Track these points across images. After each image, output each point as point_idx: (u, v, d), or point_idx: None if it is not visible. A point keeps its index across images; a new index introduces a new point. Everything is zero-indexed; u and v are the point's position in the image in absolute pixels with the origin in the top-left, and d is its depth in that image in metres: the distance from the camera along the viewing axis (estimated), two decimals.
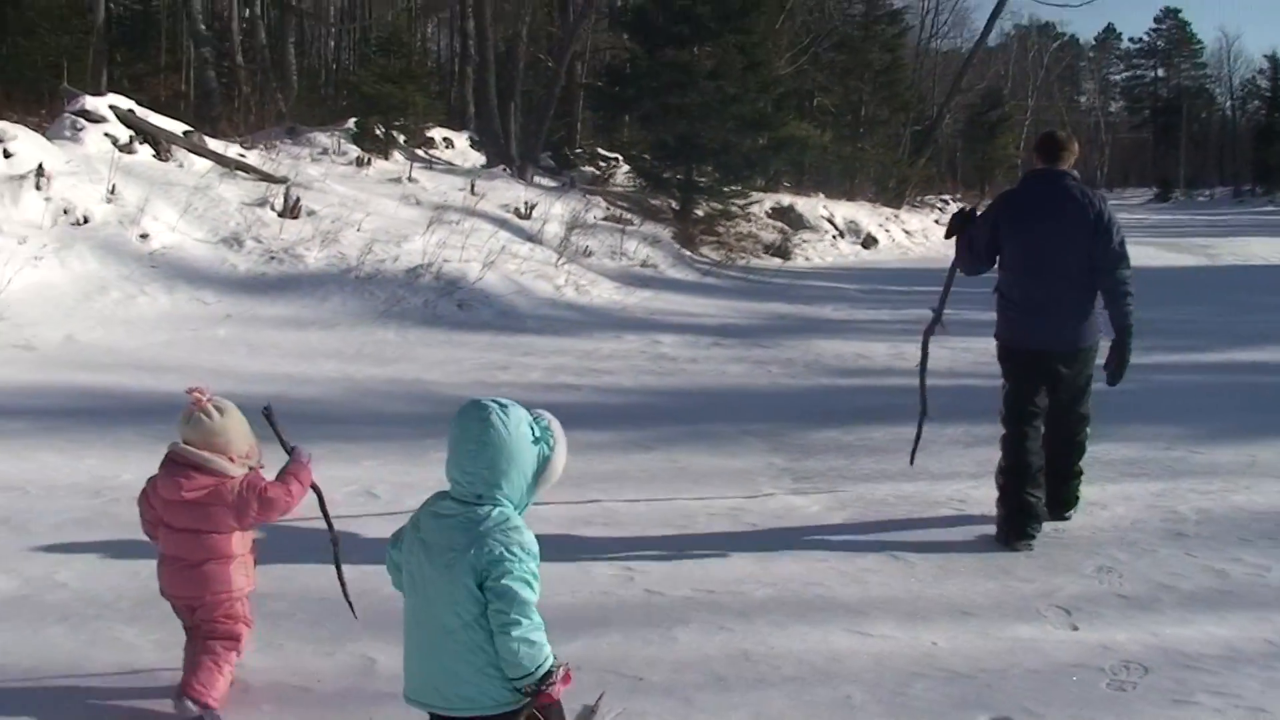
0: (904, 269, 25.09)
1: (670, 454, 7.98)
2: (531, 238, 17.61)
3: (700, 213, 25.00)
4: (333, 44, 42.82)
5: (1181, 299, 18.37)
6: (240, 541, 4.16)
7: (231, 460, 4.09)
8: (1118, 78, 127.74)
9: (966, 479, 7.31)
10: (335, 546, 4.43)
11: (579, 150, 30.04)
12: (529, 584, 3.08)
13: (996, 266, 6.55)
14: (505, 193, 20.30)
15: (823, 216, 29.48)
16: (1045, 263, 6.24)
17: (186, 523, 4.05)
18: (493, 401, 3.16)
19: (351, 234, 14.50)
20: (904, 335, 13.72)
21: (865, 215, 31.50)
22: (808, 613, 5.03)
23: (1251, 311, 16.57)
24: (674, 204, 25.20)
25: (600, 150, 30.43)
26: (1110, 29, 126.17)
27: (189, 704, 3.95)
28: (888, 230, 31.55)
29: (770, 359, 12.19)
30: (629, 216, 22.36)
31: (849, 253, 28.24)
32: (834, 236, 28.90)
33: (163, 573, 4.14)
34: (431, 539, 3.14)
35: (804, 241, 27.09)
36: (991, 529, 6.22)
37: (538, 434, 3.19)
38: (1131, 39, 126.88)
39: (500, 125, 25.54)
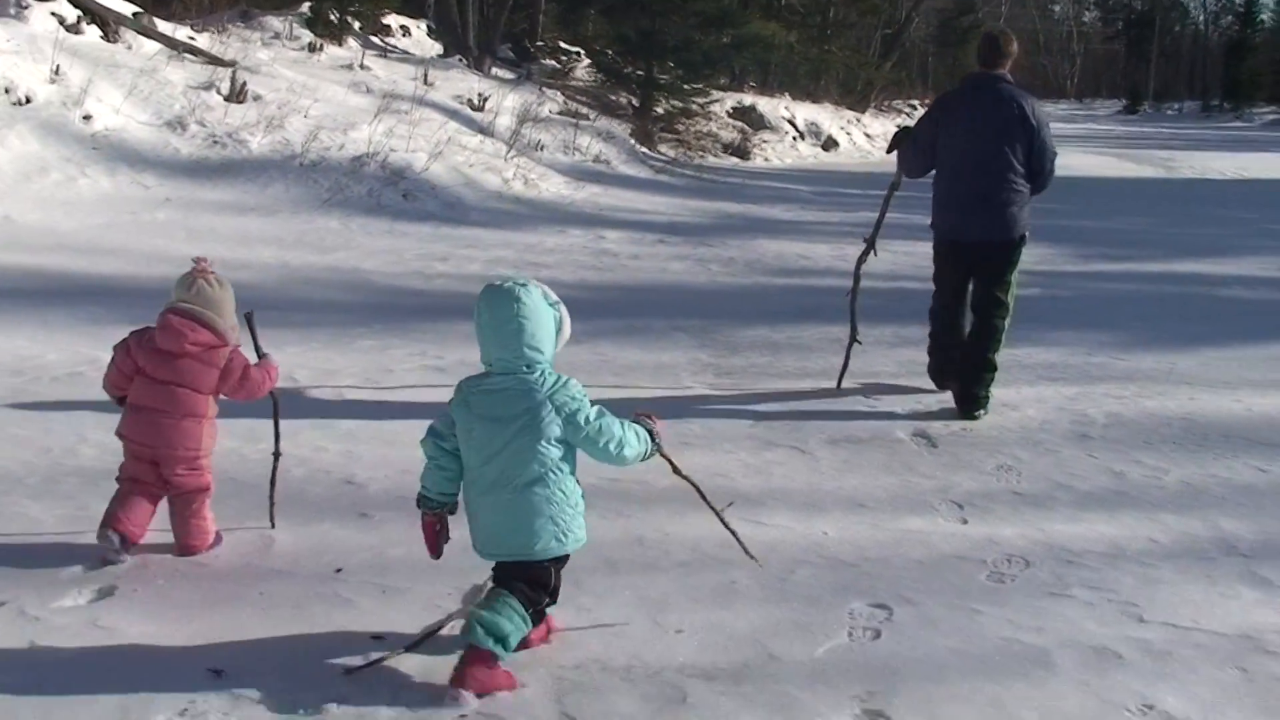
0: (861, 173, 25.01)
1: (597, 347, 8.01)
2: (483, 130, 17.45)
3: (660, 110, 24.82)
4: None
5: (1133, 210, 18.51)
6: (211, 404, 4.44)
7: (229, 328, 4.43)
8: None
9: (886, 379, 7.42)
10: (275, 459, 4.73)
11: (540, 43, 29.64)
12: (602, 412, 3.64)
13: None
14: (459, 83, 20.07)
15: (784, 117, 29.31)
16: (971, 160, 6.67)
17: (171, 376, 4.31)
18: (513, 283, 3.59)
19: (298, 120, 14.34)
20: (849, 238, 13.71)
21: (827, 117, 31.33)
22: None
23: (1199, 224, 16.69)
24: (634, 100, 25.01)
25: (562, 44, 30.04)
26: None
27: (195, 553, 4.40)
28: (849, 133, 31.42)
29: (712, 257, 12.22)
30: (585, 111, 22.17)
31: (808, 154, 28.14)
32: (794, 138, 28.77)
33: (134, 421, 4.35)
34: (495, 411, 3.56)
35: (764, 142, 26.97)
36: (903, 427, 6.44)
37: (552, 300, 3.66)
38: None
39: (459, 14, 25.18)
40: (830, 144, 29.49)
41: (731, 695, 3.52)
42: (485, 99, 18.97)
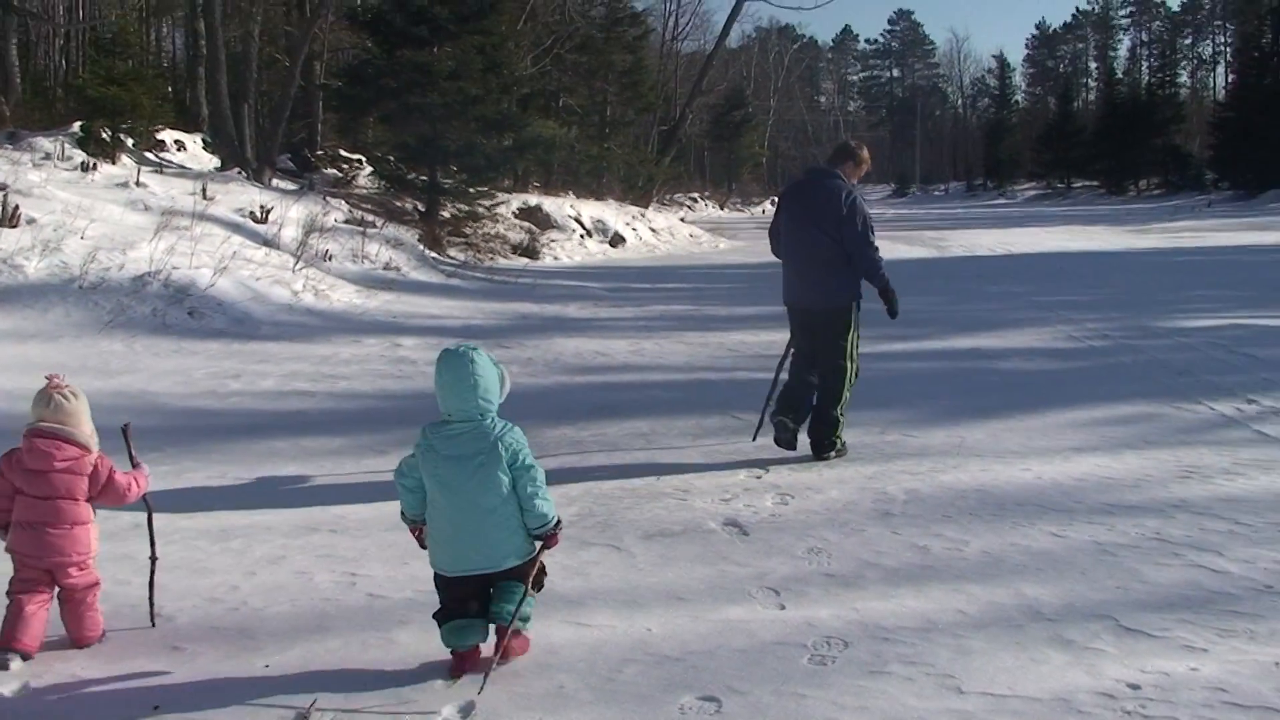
0: (650, 267, 25.48)
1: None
2: (268, 242, 17.20)
3: (446, 214, 24.88)
4: (60, 44, 41.01)
5: (910, 290, 19.07)
6: (90, 509, 4.70)
7: (88, 437, 4.68)
8: (855, 78, 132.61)
9: (692, 470, 7.52)
10: (153, 563, 5.00)
11: (320, 152, 29.48)
12: (536, 463, 4.48)
13: None
14: (240, 196, 19.77)
15: (570, 216, 29.69)
16: (798, 238, 7.82)
17: (49, 491, 4.56)
18: (466, 348, 4.45)
19: (75, 242, 13.92)
20: (644, 332, 14.01)
21: (612, 214, 31.85)
22: None
23: (972, 300, 17.43)
24: (419, 206, 25.01)
25: (343, 152, 29.93)
26: (847, 30, 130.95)
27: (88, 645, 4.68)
28: (635, 229, 31.97)
29: (511, 359, 12.21)
30: (372, 219, 22.08)
31: (596, 251, 28.51)
32: (582, 236, 29.14)
33: (23, 537, 4.58)
34: (455, 452, 4.37)
35: (552, 241, 27.26)
36: (713, 517, 6.51)
37: (495, 361, 4.51)
38: (868, 40, 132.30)
39: (234, 127, 24.87)
40: (617, 240, 29.95)
41: None
42: (268, 211, 18.73)
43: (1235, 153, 57.71)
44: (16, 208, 14.29)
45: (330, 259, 17.81)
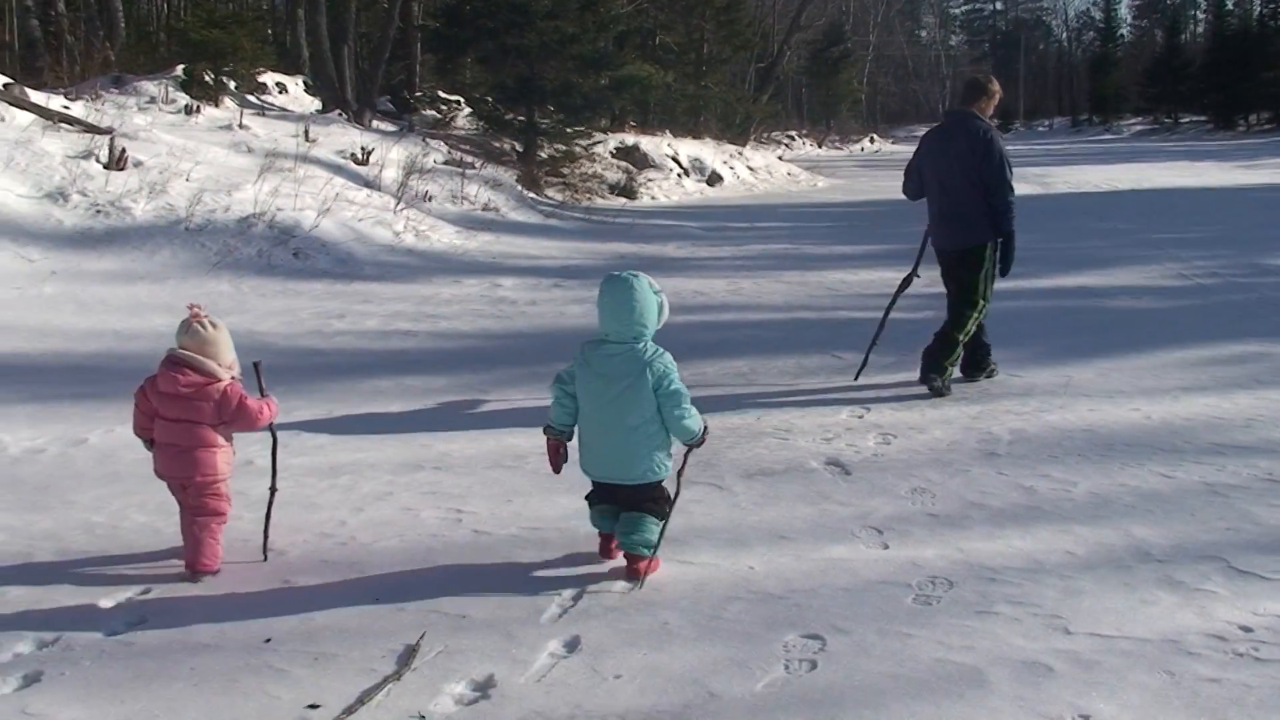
0: (747, 205, 25.32)
1: (505, 396, 8.02)
2: (369, 183, 17.35)
3: (544, 154, 24.88)
4: None
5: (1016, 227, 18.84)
6: (218, 435, 4.88)
7: (220, 366, 4.87)
8: (957, 11, 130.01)
9: (792, 409, 7.49)
10: (272, 494, 5.14)
11: (419, 94, 29.59)
12: (682, 385, 4.71)
13: None
14: (341, 138, 19.94)
15: (667, 155, 29.54)
16: (938, 183, 8.01)
17: (178, 414, 4.80)
18: (629, 274, 4.73)
19: (180, 184, 14.14)
20: (742, 271, 13.95)
21: (710, 153, 31.64)
22: None
23: (1078, 237, 17.09)
24: (517, 146, 25.04)
25: (441, 93, 30.02)
26: None
27: (202, 576, 4.81)
28: (732, 167, 31.75)
29: None
30: (471, 160, 22.15)
31: (694, 190, 28.37)
32: (679, 175, 29.00)
33: (158, 457, 4.90)
34: (608, 370, 4.67)
35: (649, 180, 27.16)
36: (815, 456, 6.48)
37: (656, 289, 4.76)
38: None
39: (335, 69, 25.04)
40: (715, 179, 29.77)
41: None
42: (369, 152, 18.87)
43: None
44: (124, 151, 14.53)
45: (430, 200, 17.93)
